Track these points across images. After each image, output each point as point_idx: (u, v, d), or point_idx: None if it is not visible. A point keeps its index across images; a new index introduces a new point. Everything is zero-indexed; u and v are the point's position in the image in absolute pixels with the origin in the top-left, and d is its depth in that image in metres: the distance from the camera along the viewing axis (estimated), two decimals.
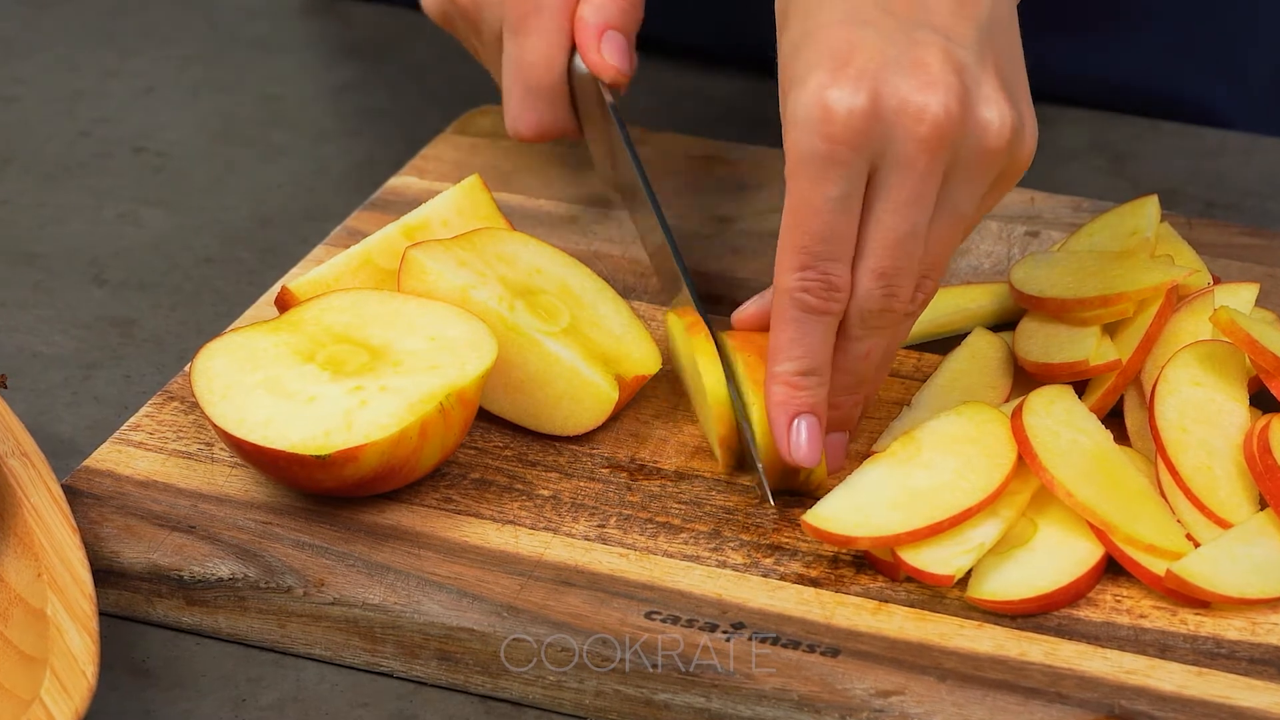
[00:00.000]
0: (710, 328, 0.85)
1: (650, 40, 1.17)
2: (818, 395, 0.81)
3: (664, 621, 0.78)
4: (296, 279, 0.91)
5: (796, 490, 0.84)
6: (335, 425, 0.81)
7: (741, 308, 0.87)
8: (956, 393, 0.87)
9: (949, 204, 0.80)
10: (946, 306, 0.92)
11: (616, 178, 0.97)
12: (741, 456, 0.85)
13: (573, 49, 0.94)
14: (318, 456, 0.81)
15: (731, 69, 1.16)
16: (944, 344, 0.91)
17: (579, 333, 0.88)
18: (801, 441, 0.81)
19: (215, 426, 0.83)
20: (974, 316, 0.92)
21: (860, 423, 0.86)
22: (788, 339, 0.81)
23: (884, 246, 0.79)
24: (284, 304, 0.90)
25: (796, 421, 0.81)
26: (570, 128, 0.96)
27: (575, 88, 0.95)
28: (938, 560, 0.79)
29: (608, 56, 0.90)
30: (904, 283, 0.80)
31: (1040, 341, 0.87)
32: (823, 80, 0.78)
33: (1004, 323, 0.92)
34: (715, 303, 0.95)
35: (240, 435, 0.82)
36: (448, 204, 0.93)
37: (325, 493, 0.83)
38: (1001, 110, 0.79)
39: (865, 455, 0.85)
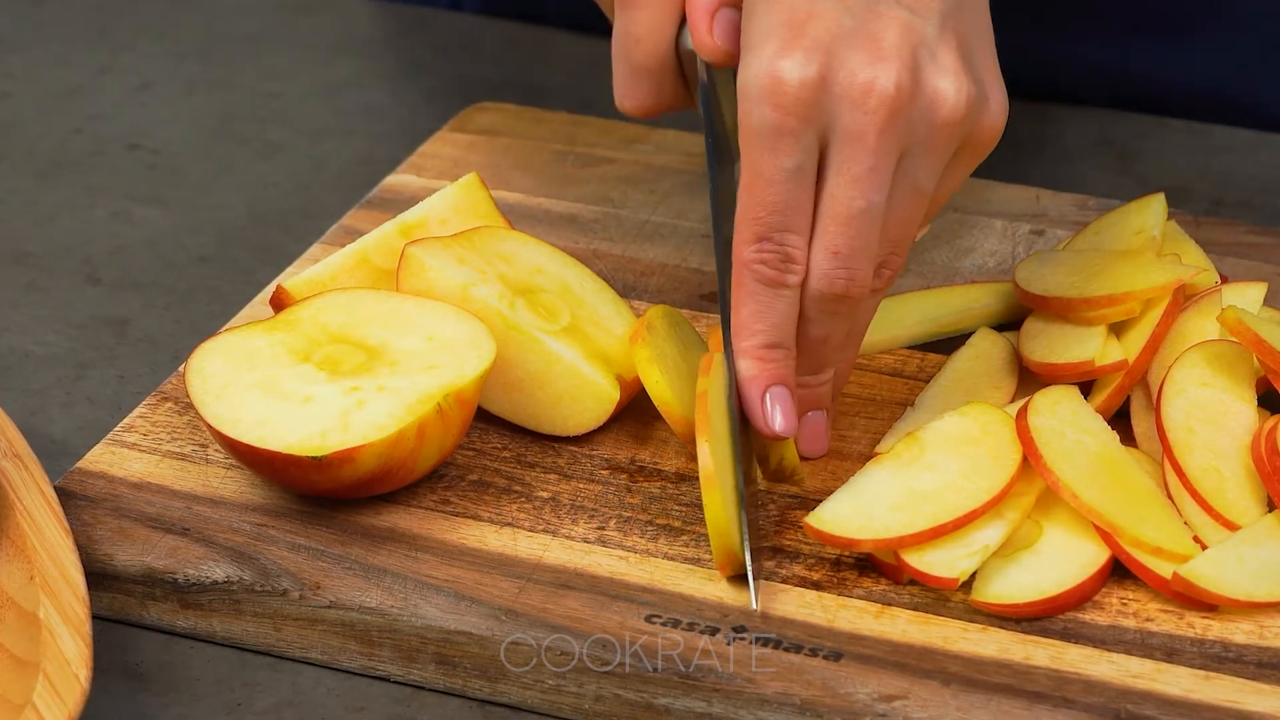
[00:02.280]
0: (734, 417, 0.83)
1: None
2: (785, 367, 0.81)
3: (664, 625, 0.78)
4: (292, 278, 0.90)
5: (774, 478, 0.84)
6: (332, 426, 0.81)
7: None
8: (960, 393, 0.87)
9: (907, 180, 0.80)
10: (950, 306, 0.92)
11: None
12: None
13: (683, 22, 0.92)
14: (314, 458, 0.80)
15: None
16: (947, 344, 0.91)
17: (580, 332, 0.88)
18: (776, 413, 0.81)
19: (210, 427, 0.82)
20: (978, 316, 0.92)
21: (835, 404, 0.86)
22: (749, 313, 0.81)
23: (837, 223, 0.79)
24: (280, 303, 0.89)
25: (768, 393, 0.81)
26: (677, 103, 0.93)
27: (684, 60, 0.93)
28: (941, 563, 0.79)
29: (718, 38, 0.88)
30: (861, 263, 0.80)
31: (1045, 341, 0.87)
32: (775, 49, 0.78)
33: (1008, 322, 0.92)
34: (717, 302, 0.95)
35: (235, 436, 0.81)
36: (445, 202, 0.93)
37: (321, 494, 0.83)
38: (958, 82, 0.79)
39: (869, 456, 0.85)
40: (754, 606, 0.79)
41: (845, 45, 0.78)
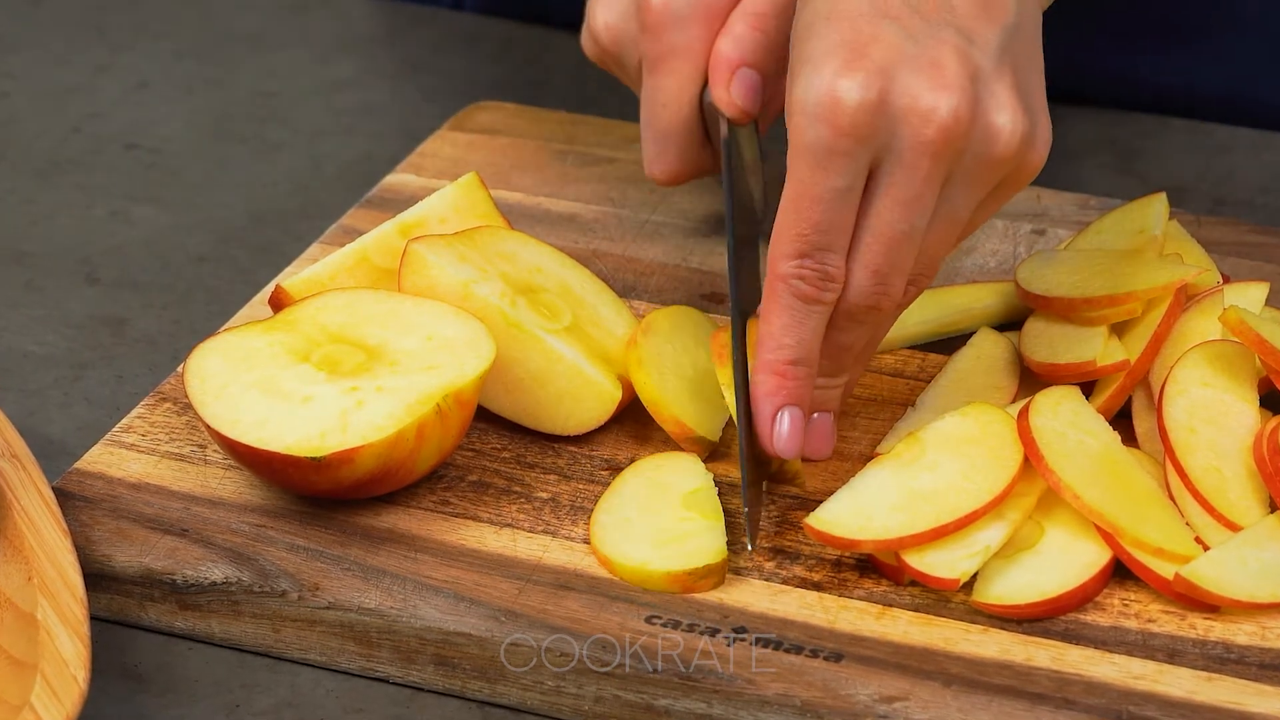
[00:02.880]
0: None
1: None
2: (804, 386, 0.81)
3: (664, 626, 0.78)
4: (291, 278, 0.90)
5: (775, 479, 0.84)
6: (331, 427, 0.81)
7: None
8: (962, 393, 0.87)
9: (947, 207, 0.80)
10: (952, 306, 0.92)
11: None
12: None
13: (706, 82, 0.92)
14: (313, 459, 0.80)
15: None
16: (948, 344, 0.91)
17: (581, 331, 0.87)
18: (784, 432, 0.81)
19: (208, 428, 0.82)
20: (979, 316, 0.92)
21: (843, 407, 0.86)
22: (780, 326, 0.81)
23: (880, 242, 0.80)
24: (278, 303, 0.89)
25: (781, 413, 0.81)
26: (705, 167, 0.94)
27: (708, 119, 0.93)
28: (942, 564, 0.79)
29: (735, 95, 0.88)
30: (896, 281, 0.80)
31: (1047, 341, 0.87)
32: (836, 69, 0.78)
33: (1010, 322, 0.92)
34: (717, 302, 0.95)
35: (234, 437, 0.81)
36: (445, 201, 0.93)
37: (320, 495, 0.83)
38: (1014, 117, 0.79)
39: (869, 457, 0.85)
40: (750, 547, 0.80)
41: (907, 70, 0.78)
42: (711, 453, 0.86)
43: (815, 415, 0.84)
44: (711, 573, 0.79)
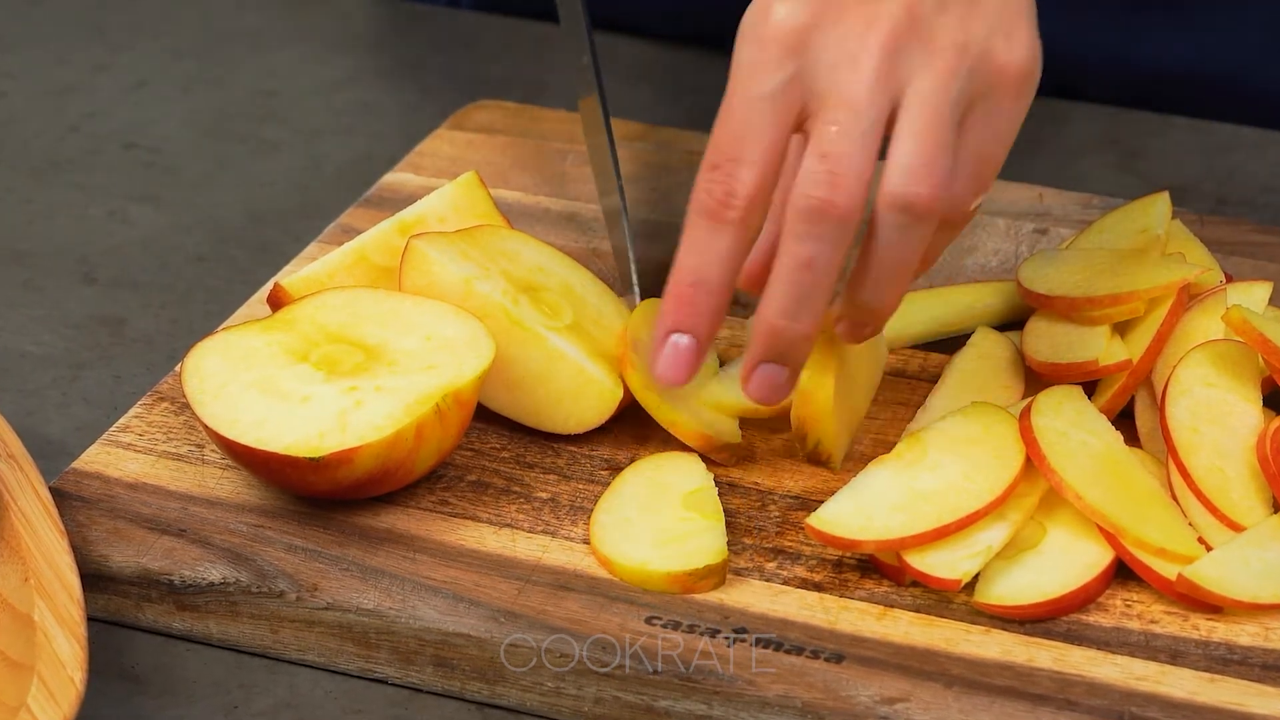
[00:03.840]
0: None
1: (651, 32, 1.17)
2: (699, 313, 0.78)
3: (664, 627, 0.78)
4: (290, 276, 0.90)
5: (812, 461, 0.84)
6: (329, 427, 0.80)
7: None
8: (971, 394, 0.87)
9: (914, 98, 0.77)
10: (954, 305, 0.92)
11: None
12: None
13: None
14: (311, 459, 0.80)
15: None
16: (949, 344, 0.91)
17: (582, 330, 0.87)
18: (665, 358, 0.79)
19: (206, 428, 0.82)
20: (981, 315, 0.92)
21: (800, 366, 0.81)
22: (684, 245, 0.78)
23: (827, 140, 0.77)
24: (277, 302, 0.89)
25: (670, 338, 0.79)
26: None
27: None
28: (944, 564, 0.79)
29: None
30: (849, 174, 0.76)
31: (1049, 341, 0.87)
32: None
33: (1011, 322, 0.91)
34: None
35: (232, 437, 0.81)
36: (444, 200, 0.92)
37: (319, 495, 0.82)
38: (952, 25, 0.77)
39: (870, 457, 0.84)
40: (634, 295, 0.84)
41: (843, 1, 0.77)
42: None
43: (762, 365, 0.80)
44: (712, 573, 0.79)
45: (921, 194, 0.77)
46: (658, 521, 0.81)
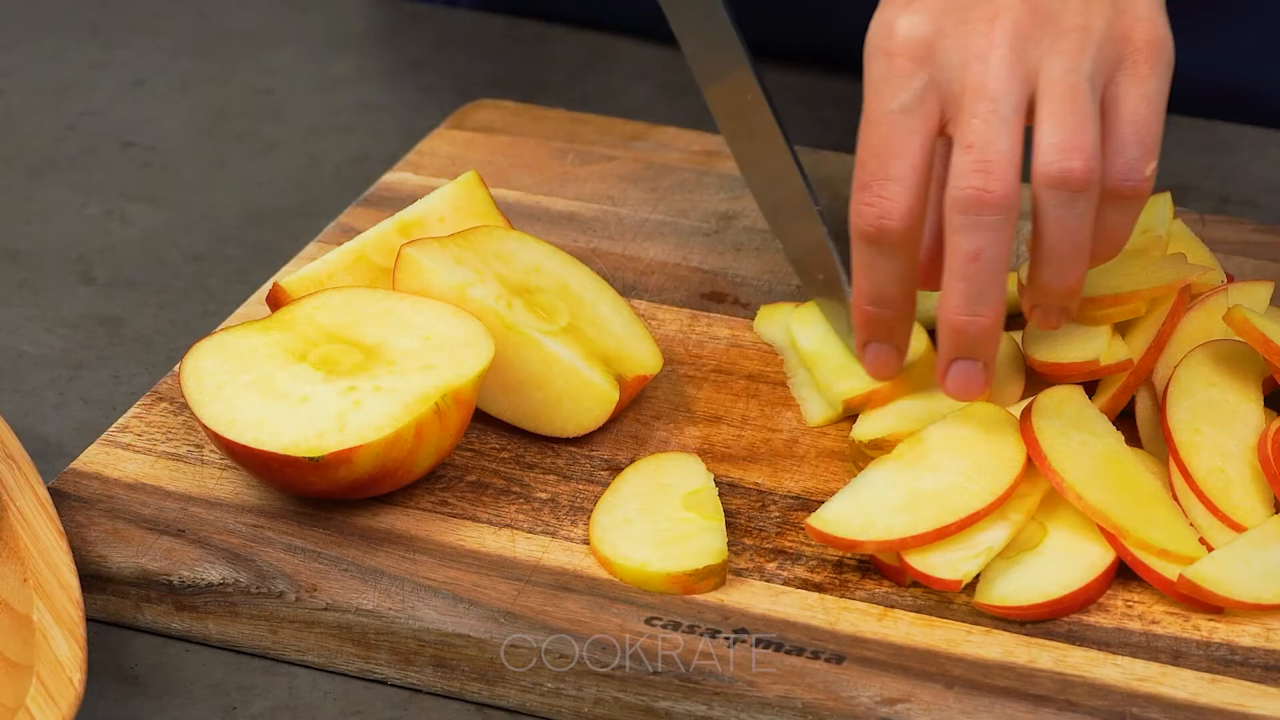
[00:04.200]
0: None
1: (651, 32, 1.16)
2: (885, 324, 0.82)
3: (664, 628, 0.78)
4: (289, 276, 0.90)
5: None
6: (328, 427, 0.80)
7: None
8: None
9: (1054, 74, 0.79)
10: None
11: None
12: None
13: None
14: (311, 459, 0.80)
15: None
16: None
17: (579, 332, 0.87)
18: (870, 363, 0.83)
19: (205, 428, 0.82)
20: None
21: (993, 357, 0.81)
22: (857, 266, 0.81)
23: (972, 132, 0.78)
24: (276, 302, 0.89)
25: (868, 347, 0.83)
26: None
27: None
28: (945, 565, 0.78)
29: None
30: (999, 159, 0.77)
31: (1050, 341, 0.87)
32: (894, 8, 0.79)
33: (1011, 317, 0.91)
34: (718, 301, 0.95)
35: (231, 437, 0.81)
36: (444, 200, 0.92)
37: (318, 495, 0.82)
38: (1074, 7, 0.79)
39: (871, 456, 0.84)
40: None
41: (963, 5, 0.78)
42: (711, 453, 0.86)
43: (957, 362, 0.81)
44: (712, 573, 0.79)
45: (1074, 167, 0.78)
46: (658, 522, 0.81)
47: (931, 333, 0.88)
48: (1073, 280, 0.80)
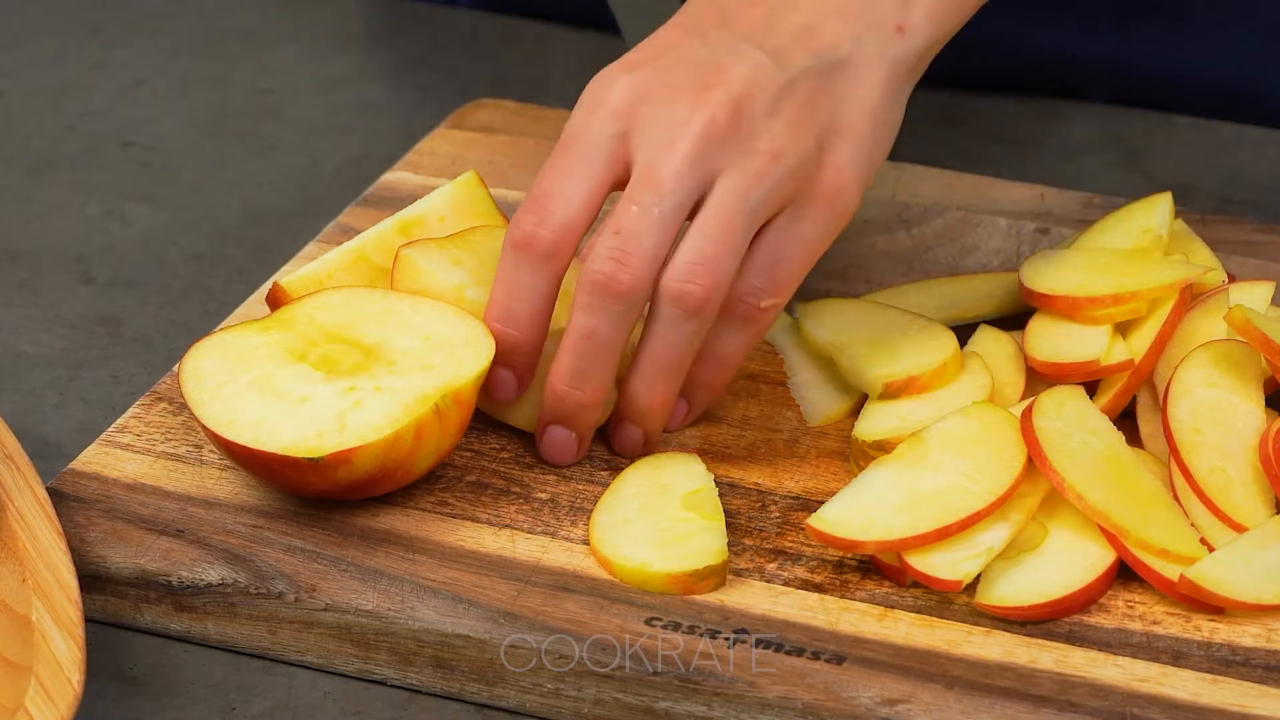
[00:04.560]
0: None
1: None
2: (514, 346, 0.82)
3: (664, 628, 0.78)
4: (288, 275, 0.89)
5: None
6: (328, 427, 0.80)
7: None
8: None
9: (712, 202, 0.80)
10: (955, 293, 0.92)
11: None
12: None
13: None
14: (310, 459, 0.79)
15: None
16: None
17: None
18: (490, 387, 0.83)
19: (204, 428, 0.81)
20: (982, 305, 0.91)
21: (588, 431, 0.84)
22: (497, 277, 0.82)
23: (626, 218, 0.80)
24: (276, 301, 0.89)
25: (494, 367, 0.83)
26: None
27: None
28: (945, 565, 0.78)
29: None
30: (637, 254, 0.80)
31: (1050, 340, 0.87)
32: (619, 66, 0.82)
33: (1010, 316, 0.91)
34: None
35: (230, 437, 0.80)
36: (444, 200, 0.92)
37: (318, 495, 0.82)
38: (775, 133, 0.80)
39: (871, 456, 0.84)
40: None
41: (684, 69, 0.80)
42: (711, 453, 0.86)
43: (550, 426, 0.84)
44: (712, 574, 0.79)
45: (695, 291, 0.80)
46: (658, 522, 0.81)
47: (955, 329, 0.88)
48: (659, 397, 0.83)
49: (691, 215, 0.81)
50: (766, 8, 0.82)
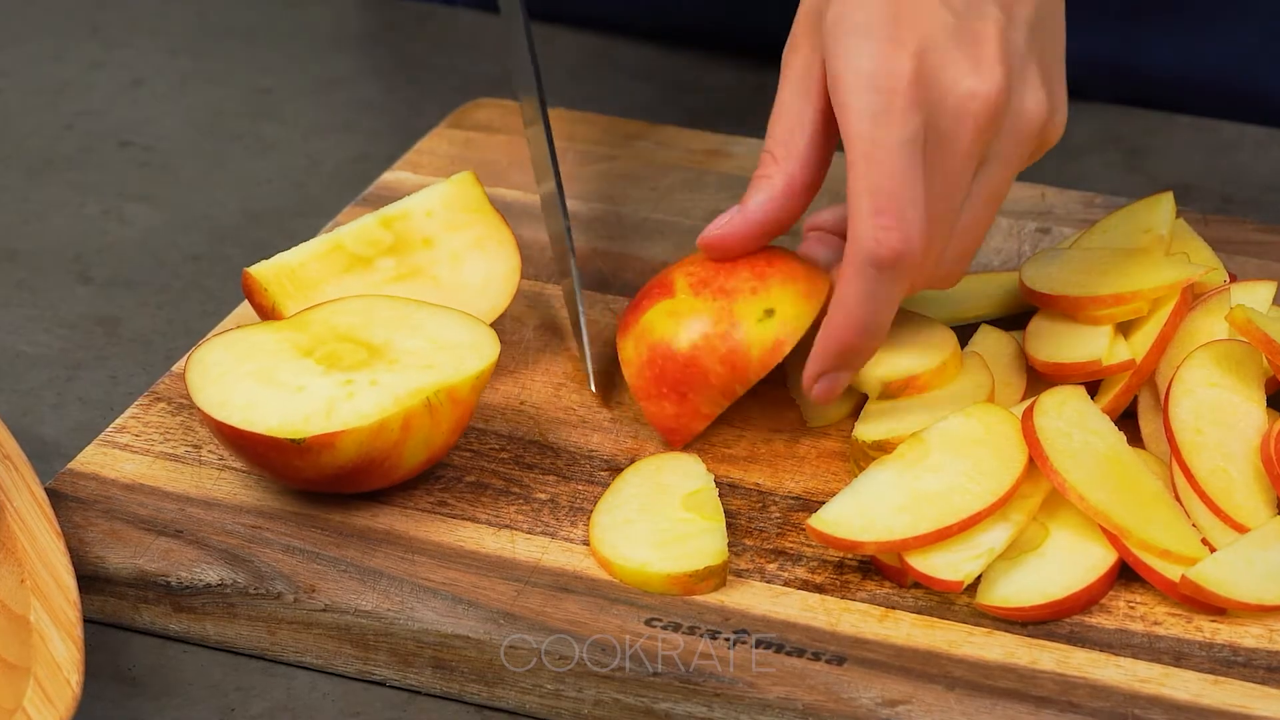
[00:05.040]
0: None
1: (651, 32, 1.16)
2: (865, 356, 0.81)
3: (665, 629, 0.78)
4: (259, 264, 0.89)
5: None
6: (316, 412, 0.80)
7: (711, 227, 0.85)
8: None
9: (983, 182, 0.80)
10: (954, 295, 0.92)
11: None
12: None
13: None
14: (294, 440, 0.80)
15: (735, 59, 1.15)
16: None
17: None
18: (823, 391, 0.82)
19: (200, 411, 0.82)
20: (982, 305, 0.91)
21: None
22: (853, 296, 0.79)
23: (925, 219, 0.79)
24: (247, 289, 0.89)
25: (827, 375, 0.82)
26: None
27: None
28: (946, 565, 0.78)
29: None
30: (938, 257, 0.80)
31: (1051, 340, 0.87)
32: (881, 39, 0.79)
33: (1010, 315, 0.91)
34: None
35: (219, 418, 0.81)
36: (433, 196, 0.92)
37: (307, 485, 0.82)
38: (1039, 97, 0.80)
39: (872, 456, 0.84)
40: (592, 388, 0.86)
41: (949, 43, 0.79)
42: (711, 453, 0.85)
43: (831, 375, 0.82)
44: (713, 574, 0.78)
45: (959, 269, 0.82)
46: (658, 523, 0.81)
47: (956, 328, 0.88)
48: (878, 341, 0.82)
49: None
50: None
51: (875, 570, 0.80)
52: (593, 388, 0.87)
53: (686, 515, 0.81)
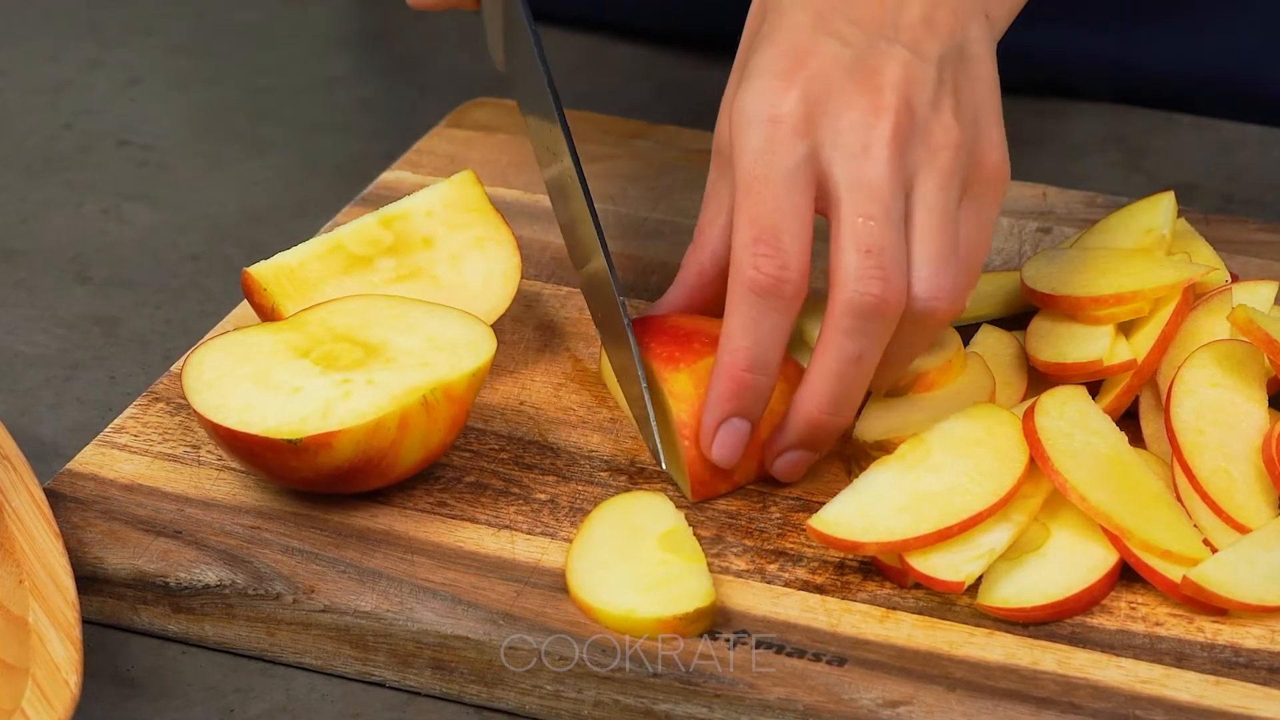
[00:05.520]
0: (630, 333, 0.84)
1: (651, 32, 1.16)
2: (758, 395, 0.80)
3: None
4: (259, 265, 0.89)
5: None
6: (312, 412, 0.80)
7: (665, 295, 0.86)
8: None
9: (921, 206, 0.79)
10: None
11: (507, 61, 0.93)
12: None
13: None
14: (290, 441, 0.80)
15: (734, 59, 1.15)
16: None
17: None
18: (723, 443, 0.81)
19: (196, 414, 0.82)
20: (982, 305, 0.91)
21: (825, 452, 0.83)
22: (737, 325, 0.79)
23: (867, 234, 0.78)
24: (247, 289, 0.89)
25: (725, 424, 0.81)
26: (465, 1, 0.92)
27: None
28: (947, 566, 0.78)
29: None
30: (895, 269, 0.78)
31: (1052, 340, 0.87)
32: (774, 76, 0.79)
33: (1011, 316, 0.91)
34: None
35: (216, 420, 0.81)
36: (433, 195, 0.92)
37: (305, 485, 0.82)
38: (947, 123, 0.80)
39: (872, 457, 0.83)
40: (663, 466, 0.83)
41: (843, 75, 0.79)
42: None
43: (791, 453, 0.82)
44: (702, 616, 0.77)
45: (941, 305, 0.79)
46: (637, 566, 0.79)
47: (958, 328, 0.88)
48: (848, 418, 0.81)
49: None
50: (879, 3, 0.81)
51: (876, 571, 0.80)
52: (662, 465, 0.83)
53: (665, 556, 0.80)
